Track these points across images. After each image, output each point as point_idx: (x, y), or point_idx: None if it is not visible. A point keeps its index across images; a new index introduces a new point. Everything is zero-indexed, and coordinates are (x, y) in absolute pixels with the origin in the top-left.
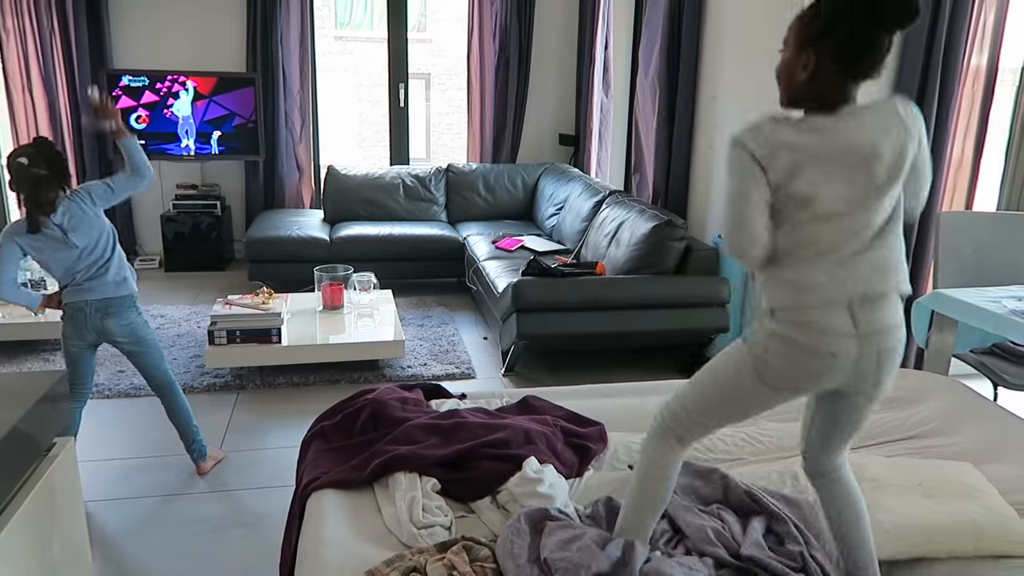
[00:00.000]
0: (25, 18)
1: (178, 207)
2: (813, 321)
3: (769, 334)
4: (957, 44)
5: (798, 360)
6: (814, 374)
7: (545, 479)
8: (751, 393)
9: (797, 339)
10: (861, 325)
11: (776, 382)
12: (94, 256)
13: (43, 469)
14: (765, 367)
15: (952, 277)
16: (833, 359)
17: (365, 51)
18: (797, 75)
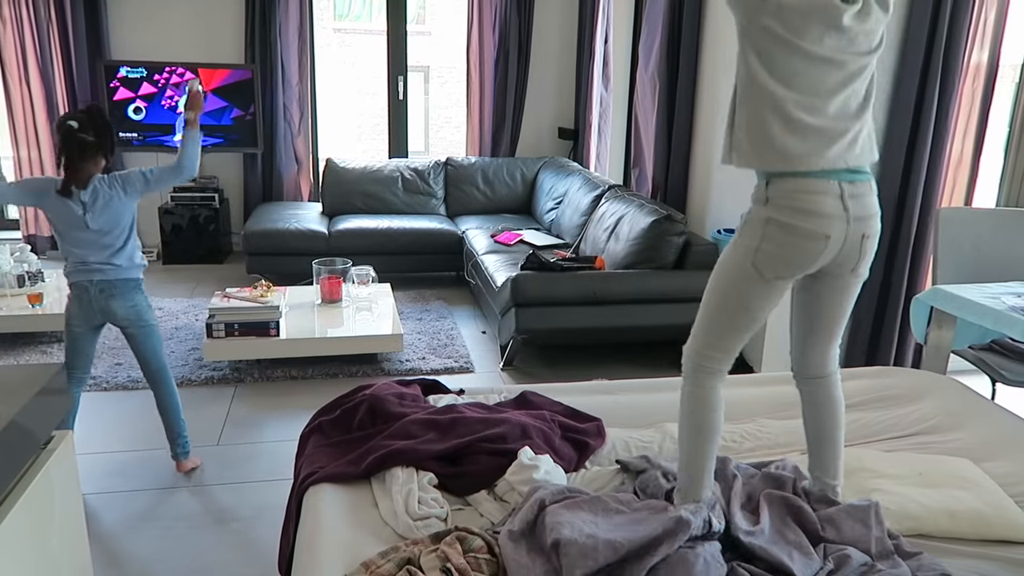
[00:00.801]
0: (22, 8)
1: (176, 200)
2: (808, 204)
3: (764, 220)
4: (958, 40)
5: (794, 244)
6: (809, 256)
7: (541, 466)
8: (753, 291)
9: (793, 222)
10: (850, 209)
11: (774, 271)
12: (106, 242)
13: (41, 462)
14: (761, 258)
15: (951, 273)
16: (827, 240)
17: (364, 43)
18: None
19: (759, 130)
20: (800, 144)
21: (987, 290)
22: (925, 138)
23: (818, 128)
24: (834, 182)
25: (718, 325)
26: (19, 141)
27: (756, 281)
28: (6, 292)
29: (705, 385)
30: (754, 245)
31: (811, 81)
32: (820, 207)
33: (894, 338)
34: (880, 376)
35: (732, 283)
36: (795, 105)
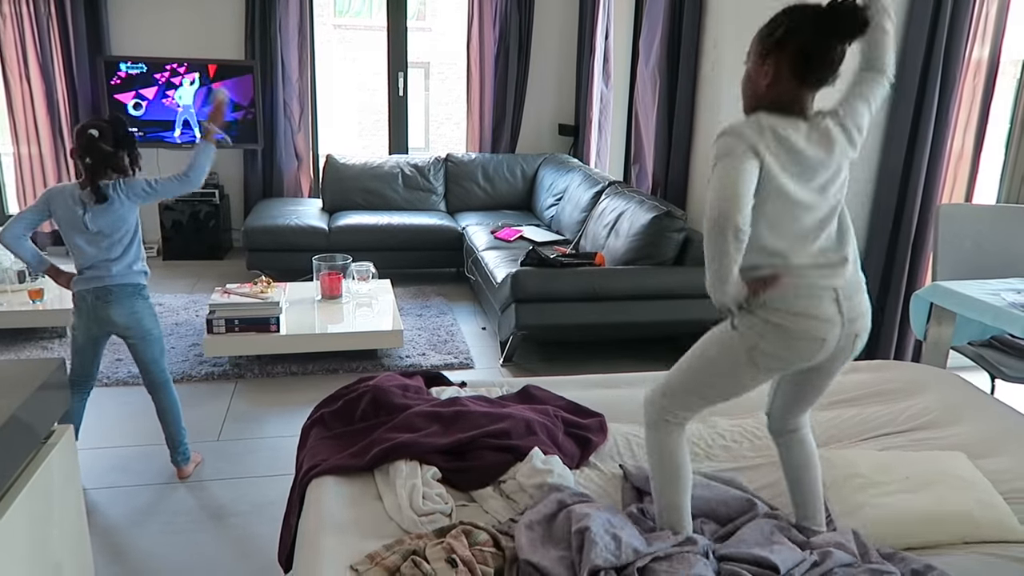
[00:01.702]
0: (22, 4)
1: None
2: (806, 310)
3: (763, 322)
4: (959, 37)
5: (792, 345)
6: (805, 356)
7: (554, 468)
8: (744, 376)
9: (792, 327)
10: (846, 312)
11: (769, 365)
12: (104, 245)
13: (42, 456)
14: (760, 354)
15: (951, 269)
16: (823, 343)
17: (364, 40)
18: (759, 84)
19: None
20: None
21: (987, 286)
22: (926, 134)
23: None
24: (830, 287)
25: (695, 391)
26: (19, 137)
27: (749, 370)
28: (7, 288)
29: (672, 435)
30: (752, 343)
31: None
32: (817, 311)
33: (894, 334)
34: (879, 370)
35: (724, 365)
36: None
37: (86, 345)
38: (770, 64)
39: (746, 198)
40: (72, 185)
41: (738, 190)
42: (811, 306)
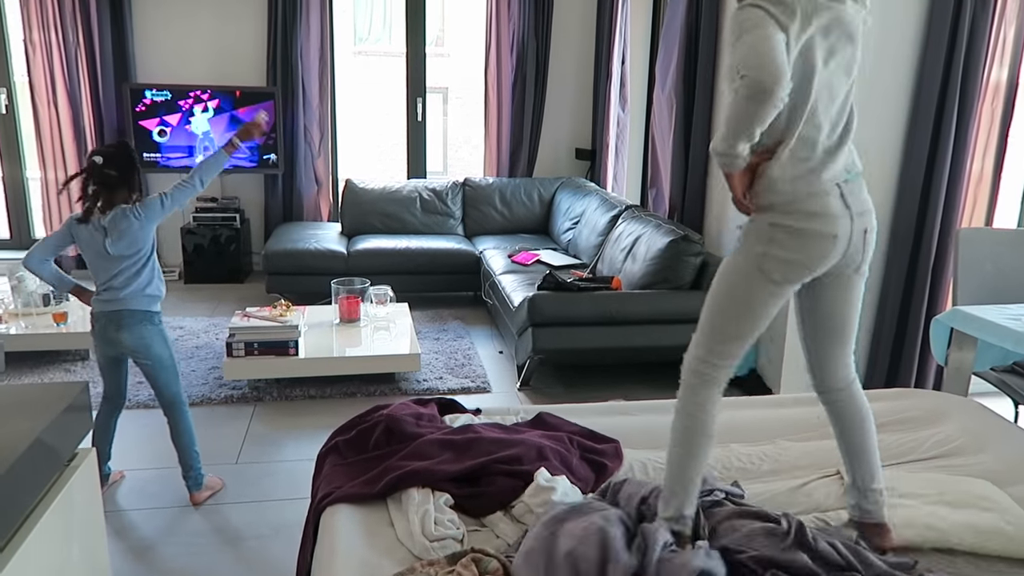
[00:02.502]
0: (51, 32)
1: (198, 220)
2: (813, 207)
3: (770, 226)
4: (976, 59)
5: (804, 245)
6: (817, 257)
7: (558, 487)
8: (761, 295)
9: (801, 226)
10: (852, 205)
11: (782, 274)
12: (122, 266)
13: (65, 479)
14: (770, 262)
15: (971, 294)
16: (835, 240)
17: (384, 65)
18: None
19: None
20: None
21: (1008, 311)
22: (944, 157)
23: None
24: (833, 183)
25: (721, 330)
26: (47, 163)
27: (764, 285)
28: (31, 311)
29: (701, 397)
30: (761, 251)
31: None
32: (825, 208)
33: (915, 360)
34: (900, 398)
35: (738, 288)
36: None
37: (106, 365)
38: None
39: (787, 67)
40: (74, 215)
41: (780, 57)
42: (817, 203)
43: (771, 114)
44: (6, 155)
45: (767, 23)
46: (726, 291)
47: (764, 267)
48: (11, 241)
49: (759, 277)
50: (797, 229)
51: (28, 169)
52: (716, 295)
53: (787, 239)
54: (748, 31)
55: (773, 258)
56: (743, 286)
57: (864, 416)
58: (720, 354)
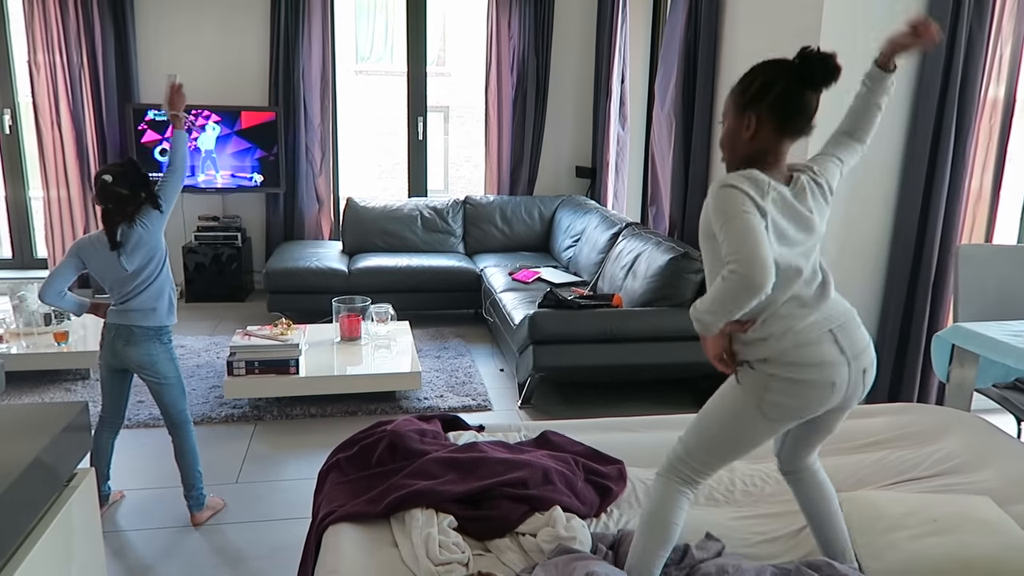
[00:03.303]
0: (55, 53)
1: (200, 238)
2: (809, 358)
3: (768, 376)
4: (974, 76)
5: (802, 394)
6: (817, 403)
7: (576, 536)
8: (755, 430)
9: (797, 377)
10: (847, 348)
11: (780, 416)
12: (139, 279)
13: (64, 499)
14: (769, 406)
15: (972, 311)
16: (833, 387)
17: (385, 85)
18: (741, 137)
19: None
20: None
21: (1009, 327)
22: (943, 173)
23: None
24: (825, 329)
25: (710, 447)
26: (49, 182)
27: (761, 422)
28: (32, 330)
29: (678, 491)
30: (760, 396)
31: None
32: (822, 357)
33: (916, 376)
34: (902, 413)
35: (734, 419)
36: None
37: (108, 378)
38: (750, 117)
39: (771, 262)
40: (98, 233)
41: (767, 256)
42: (812, 353)
43: (755, 303)
44: (9, 175)
45: (749, 209)
46: (722, 417)
47: (763, 410)
48: (13, 260)
49: (757, 415)
50: (795, 380)
51: (31, 189)
52: (712, 417)
53: (786, 388)
54: (734, 218)
55: (772, 404)
56: (739, 419)
57: (826, 491)
58: (704, 464)
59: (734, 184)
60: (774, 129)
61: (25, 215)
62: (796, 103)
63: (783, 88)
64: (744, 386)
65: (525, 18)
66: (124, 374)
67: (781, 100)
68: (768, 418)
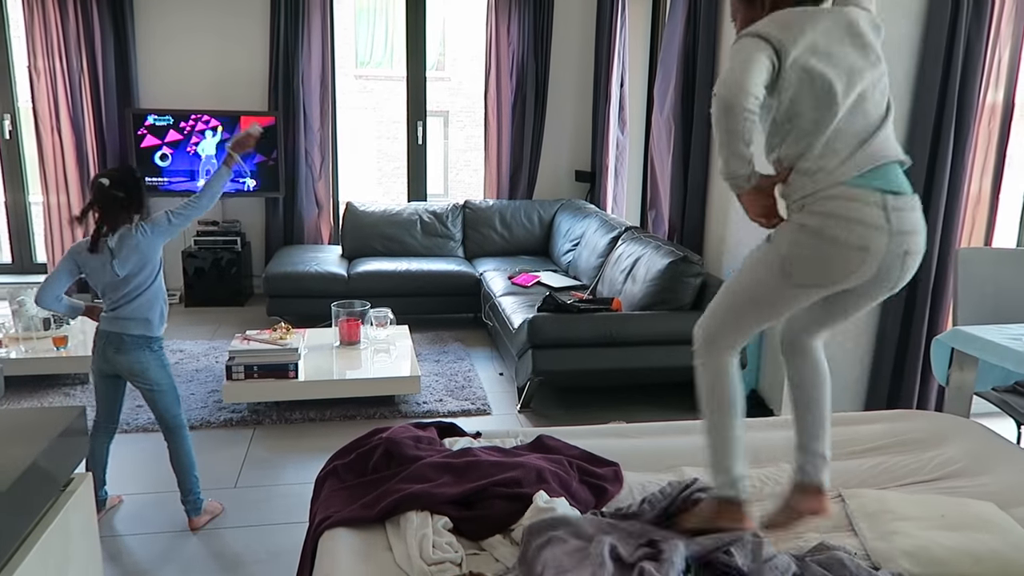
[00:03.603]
0: (55, 59)
1: (199, 243)
2: (848, 212)
3: (798, 226)
4: (972, 80)
5: (829, 253)
6: (843, 267)
7: (558, 508)
8: (781, 294)
9: (829, 231)
10: (893, 222)
11: (805, 278)
12: (130, 287)
13: (61, 504)
14: (794, 264)
15: (972, 314)
16: (863, 253)
17: (385, 89)
18: (757, 14)
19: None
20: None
21: (1008, 331)
22: (942, 177)
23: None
24: (876, 192)
25: (738, 316)
26: (49, 187)
27: (786, 285)
28: (32, 335)
29: (720, 358)
30: (785, 251)
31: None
32: (860, 216)
33: (916, 380)
34: (901, 419)
35: (760, 282)
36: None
37: (100, 384)
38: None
39: (755, 81)
40: (85, 241)
41: (748, 74)
42: (852, 208)
43: (744, 127)
44: (9, 180)
45: (751, 47)
46: (749, 285)
47: (787, 268)
48: (13, 265)
49: (782, 277)
50: (821, 232)
51: (31, 194)
52: (739, 286)
53: (812, 243)
54: (732, 58)
55: (797, 260)
56: (766, 282)
57: (821, 373)
58: (734, 333)
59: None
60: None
61: (25, 220)
62: None
63: None
64: (773, 242)
65: (524, 22)
66: (116, 379)
67: None
68: (793, 281)
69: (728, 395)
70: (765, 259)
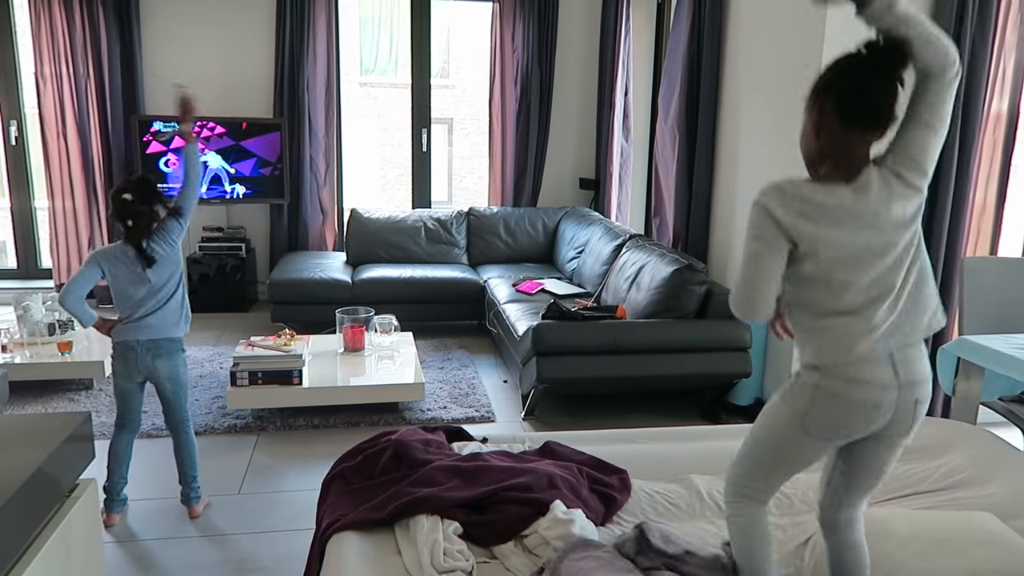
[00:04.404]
0: (62, 65)
1: (204, 249)
2: (859, 374)
3: (813, 387)
4: (977, 89)
5: (844, 412)
6: (858, 423)
7: (576, 520)
8: (801, 448)
9: (842, 392)
10: (902, 375)
11: (821, 433)
12: (160, 294)
13: (65, 510)
14: (810, 420)
15: (978, 323)
16: (876, 409)
17: (389, 96)
18: (810, 135)
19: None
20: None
21: (1015, 340)
22: (947, 187)
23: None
24: (886, 350)
25: (763, 466)
26: (55, 193)
27: (805, 440)
28: (36, 340)
29: (748, 513)
30: (803, 409)
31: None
32: (871, 376)
33: None
34: None
35: (781, 436)
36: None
37: (130, 390)
38: (815, 111)
39: (770, 287)
40: (118, 246)
41: (756, 298)
42: (862, 370)
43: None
44: (16, 185)
45: (761, 235)
46: (769, 436)
47: (806, 425)
48: (18, 270)
49: (801, 433)
50: (836, 394)
51: (37, 199)
52: (760, 436)
53: (829, 402)
54: (748, 240)
55: (814, 419)
56: (786, 436)
57: (861, 560)
58: (761, 481)
59: (759, 199)
60: (840, 123)
61: (30, 225)
62: (856, 91)
63: (845, 77)
64: (788, 400)
65: (529, 30)
66: (143, 384)
67: (842, 90)
68: (811, 436)
69: (764, 554)
70: (783, 415)
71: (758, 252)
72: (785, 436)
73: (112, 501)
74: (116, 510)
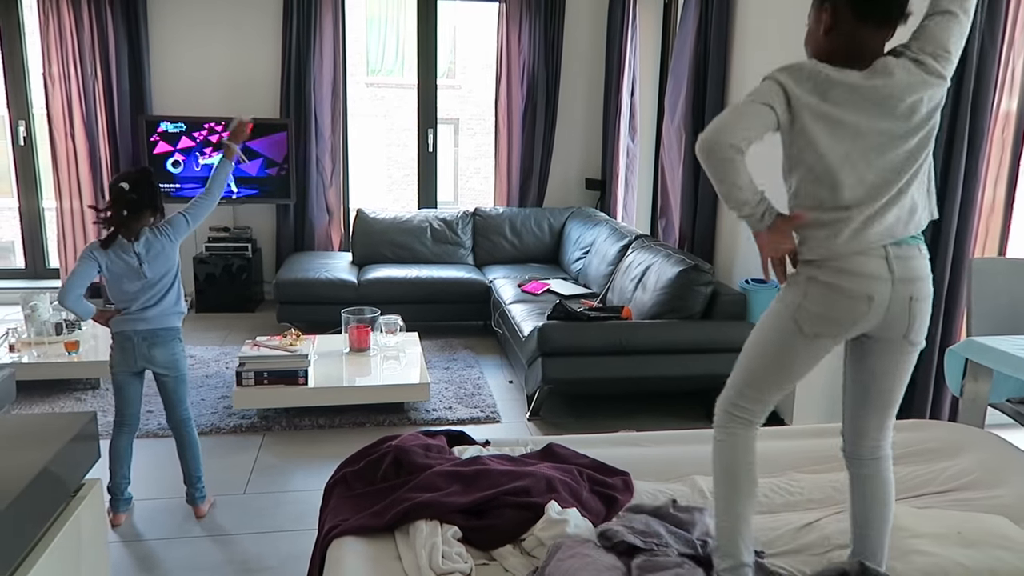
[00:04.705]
0: (70, 66)
1: (210, 249)
2: (852, 267)
3: (807, 279)
4: (986, 89)
5: (836, 303)
6: (851, 317)
7: (570, 519)
8: (793, 347)
9: (837, 283)
10: (896, 271)
11: (814, 329)
12: (156, 288)
13: (71, 510)
14: (803, 315)
15: (986, 324)
16: (869, 302)
17: (395, 97)
18: (818, 33)
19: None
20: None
21: (1023, 342)
22: (955, 187)
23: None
24: (879, 243)
25: (755, 376)
26: (63, 193)
27: (797, 337)
28: (43, 340)
29: (738, 435)
30: (796, 302)
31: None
32: (862, 268)
33: (929, 390)
34: (916, 429)
35: (773, 337)
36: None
37: (127, 383)
38: (827, 11)
39: (741, 126)
40: (115, 239)
41: (736, 119)
42: (856, 263)
43: (725, 168)
44: (24, 186)
45: (761, 98)
46: (762, 339)
47: (798, 319)
48: (26, 270)
49: (793, 329)
50: (830, 285)
51: (44, 199)
52: (753, 341)
53: (820, 294)
54: (742, 102)
55: (806, 311)
56: (778, 335)
57: (888, 492)
58: (752, 398)
59: (772, 74)
60: (853, 17)
61: (38, 225)
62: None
63: None
64: (783, 298)
65: (535, 31)
66: (140, 377)
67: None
68: (804, 332)
69: (743, 476)
70: (775, 314)
71: (747, 104)
72: (778, 336)
73: (117, 501)
74: (121, 510)
